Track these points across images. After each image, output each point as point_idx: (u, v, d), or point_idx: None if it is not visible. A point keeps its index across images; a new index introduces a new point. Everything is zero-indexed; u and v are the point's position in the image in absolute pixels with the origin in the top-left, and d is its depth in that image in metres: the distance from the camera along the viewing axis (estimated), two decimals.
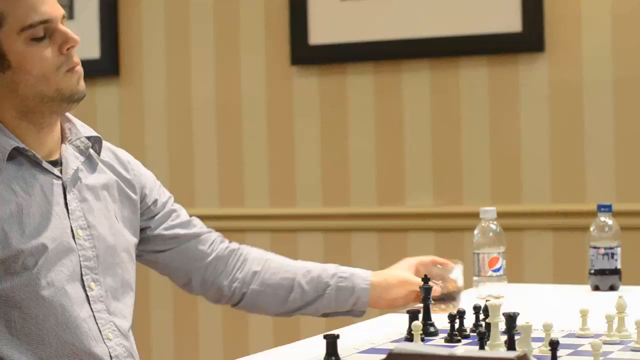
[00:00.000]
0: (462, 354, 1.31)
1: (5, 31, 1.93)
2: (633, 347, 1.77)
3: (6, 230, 1.92)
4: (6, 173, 1.96)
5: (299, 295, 2.29)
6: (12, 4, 1.93)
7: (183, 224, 2.27)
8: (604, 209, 2.52)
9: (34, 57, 1.94)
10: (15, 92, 1.97)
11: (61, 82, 1.96)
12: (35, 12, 1.94)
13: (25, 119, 1.99)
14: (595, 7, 3.53)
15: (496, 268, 2.41)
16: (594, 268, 2.51)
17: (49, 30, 1.96)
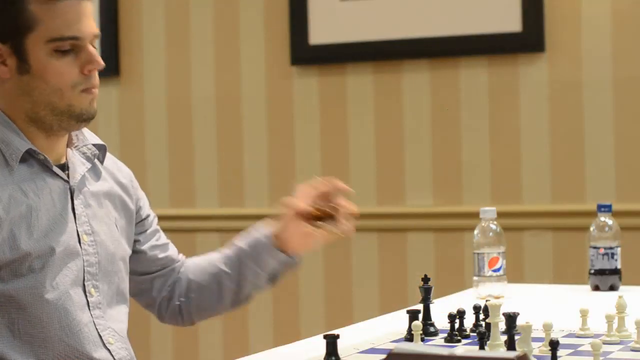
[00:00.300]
0: (462, 354, 1.31)
1: (34, 36, 1.93)
2: (633, 347, 1.77)
3: (15, 233, 1.91)
4: (18, 174, 1.95)
5: (229, 281, 2.24)
6: (48, 12, 1.93)
7: (163, 246, 2.25)
8: (604, 209, 2.52)
9: (54, 69, 1.94)
10: (29, 97, 1.96)
11: (74, 99, 1.96)
12: (68, 27, 1.94)
13: (34, 125, 1.99)
14: (595, 7, 3.53)
15: (496, 268, 2.41)
16: (594, 268, 2.51)
17: (76, 47, 1.95)
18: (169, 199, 4.03)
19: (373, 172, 3.78)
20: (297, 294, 3.88)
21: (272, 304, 3.91)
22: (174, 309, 2.26)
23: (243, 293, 2.24)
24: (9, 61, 1.95)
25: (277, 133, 3.90)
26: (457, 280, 3.50)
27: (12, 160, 1.95)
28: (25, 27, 1.93)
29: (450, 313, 1.91)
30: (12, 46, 1.94)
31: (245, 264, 2.23)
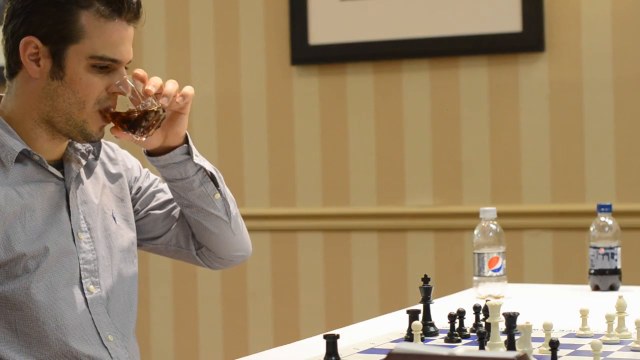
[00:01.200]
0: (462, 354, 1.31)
1: (77, 48, 1.95)
2: (633, 347, 1.77)
3: (9, 234, 1.92)
4: (13, 175, 1.96)
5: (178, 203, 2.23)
6: (97, 30, 1.95)
7: (167, 202, 2.24)
8: (604, 209, 2.52)
9: (86, 83, 1.96)
10: (51, 101, 1.97)
11: (89, 116, 1.98)
12: (111, 48, 1.97)
13: (43, 126, 1.99)
14: (595, 7, 3.53)
15: (496, 268, 2.41)
16: (594, 268, 2.51)
17: (111, 67, 1.98)
18: None
19: (373, 172, 3.78)
20: (297, 294, 3.88)
21: (272, 304, 3.91)
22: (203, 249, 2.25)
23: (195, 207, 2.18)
24: (43, 62, 1.96)
25: (277, 133, 3.90)
26: (457, 280, 3.51)
27: (7, 161, 1.95)
28: (72, 37, 1.95)
29: (450, 313, 1.91)
30: (51, 50, 1.96)
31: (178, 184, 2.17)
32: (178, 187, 2.16)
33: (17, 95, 2.00)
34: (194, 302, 3.95)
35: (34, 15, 1.96)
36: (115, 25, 1.97)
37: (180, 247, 2.24)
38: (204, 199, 2.17)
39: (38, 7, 1.96)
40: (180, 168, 2.14)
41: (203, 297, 3.99)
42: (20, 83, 1.99)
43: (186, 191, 2.16)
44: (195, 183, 2.15)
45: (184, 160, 2.14)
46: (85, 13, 1.95)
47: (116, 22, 1.97)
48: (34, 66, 1.96)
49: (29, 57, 1.96)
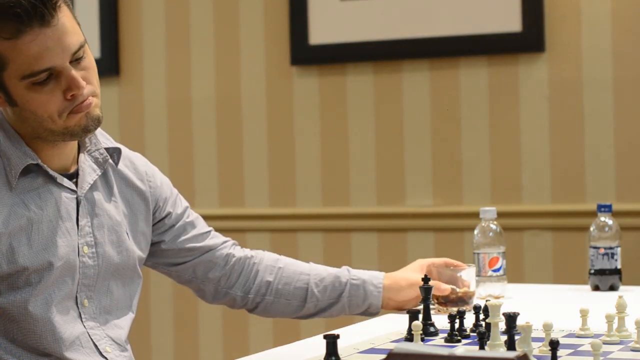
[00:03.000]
0: (462, 354, 1.31)
1: (7, 74, 1.89)
2: (633, 347, 1.77)
3: (14, 246, 1.90)
4: (20, 188, 1.93)
5: (313, 305, 2.30)
6: (13, 50, 1.86)
7: (198, 237, 2.24)
8: (604, 209, 2.52)
9: (37, 101, 1.90)
10: (25, 123, 1.94)
11: (67, 122, 1.92)
12: (37, 62, 1.87)
13: (39, 139, 1.96)
14: (595, 7, 3.53)
15: (496, 268, 2.41)
16: (594, 268, 2.51)
17: (53, 76, 1.90)
18: None
19: (373, 172, 3.78)
20: None
21: None
22: (233, 298, 2.27)
23: (316, 317, 2.31)
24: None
25: (277, 133, 3.90)
26: None
27: (11, 175, 1.93)
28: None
29: (450, 313, 1.91)
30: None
31: (338, 300, 2.28)
32: (343, 304, 2.30)
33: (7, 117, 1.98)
34: (194, 302, 3.95)
35: None
36: (28, 37, 1.86)
37: (196, 277, 2.25)
38: (335, 314, 2.31)
39: None
40: (361, 312, 2.29)
41: None
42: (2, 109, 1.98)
43: (340, 311, 2.30)
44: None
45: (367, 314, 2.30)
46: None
47: (27, 34, 1.86)
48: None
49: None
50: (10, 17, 1.84)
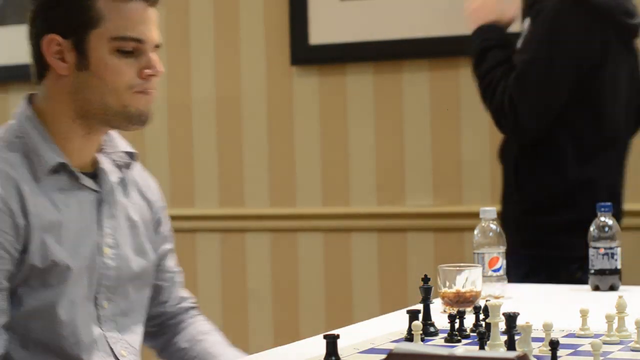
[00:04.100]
0: (462, 354, 1.31)
1: (97, 33, 1.92)
2: (633, 347, 1.77)
3: (46, 242, 1.89)
4: (48, 185, 1.92)
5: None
6: (115, 11, 1.93)
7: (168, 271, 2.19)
8: (604, 209, 2.52)
9: (113, 68, 1.93)
10: (82, 94, 1.95)
11: (129, 100, 1.95)
12: (132, 27, 1.94)
13: (79, 121, 1.96)
14: None
15: (496, 268, 2.40)
16: (594, 268, 2.51)
17: (137, 50, 1.95)
18: (169, 198, 4.02)
19: (373, 172, 3.78)
20: (297, 294, 3.88)
21: (272, 304, 3.91)
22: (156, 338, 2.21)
23: None
24: (69, 57, 1.94)
25: (277, 133, 3.90)
26: None
27: (41, 172, 1.92)
28: (90, 23, 1.92)
29: (450, 313, 1.91)
30: (74, 42, 1.93)
31: None
32: None
33: (49, 96, 1.98)
34: None
35: (51, 11, 1.94)
36: (133, 5, 1.94)
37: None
38: None
39: (53, 2, 1.95)
40: None
41: (203, 297, 3.99)
42: (51, 83, 1.97)
43: None
44: None
45: None
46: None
47: (134, 3, 1.94)
48: (60, 63, 1.94)
49: (53, 55, 1.94)
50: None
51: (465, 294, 2.15)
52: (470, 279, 2.16)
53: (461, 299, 2.15)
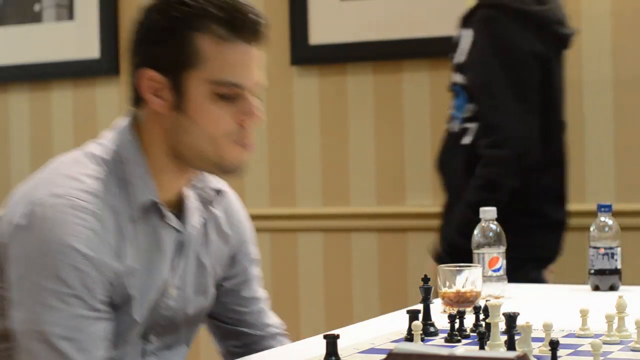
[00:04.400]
0: (462, 354, 1.31)
1: (196, 74, 1.83)
2: (633, 347, 1.77)
3: (125, 282, 1.81)
4: (139, 222, 1.84)
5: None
6: (215, 51, 1.83)
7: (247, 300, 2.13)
8: (604, 209, 2.52)
9: (210, 114, 1.83)
10: (177, 134, 1.85)
11: (227, 151, 1.85)
12: (233, 71, 1.84)
13: (171, 159, 1.87)
14: (595, 7, 3.53)
15: (496, 268, 2.40)
16: (594, 268, 2.51)
17: (237, 95, 1.84)
18: None
19: (373, 172, 3.78)
20: (297, 294, 3.88)
21: (272, 304, 3.91)
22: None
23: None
24: (165, 95, 1.84)
25: (277, 133, 3.90)
26: None
27: (134, 207, 1.83)
28: (190, 63, 1.82)
29: (450, 313, 1.91)
30: (171, 80, 1.83)
31: None
32: None
33: (146, 125, 1.88)
34: None
35: (151, 46, 1.86)
36: (235, 46, 1.83)
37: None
38: None
39: (153, 37, 1.87)
40: None
41: None
42: (147, 115, 1.88)
43: None
44: None
45: None
46: (201, 36, 1.82)
47: (235, 44, 1.83)
48: (155, 100, 1.85)
49: (149, 90, 1.85)
50: (232, 21, 1.84)
51: (466, 294, 2.15)
52: (470, 279, 2.16)
53: (461, 299, 2.15)
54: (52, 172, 1.86)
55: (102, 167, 1.85)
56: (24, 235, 1.79)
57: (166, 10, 1.86)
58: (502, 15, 2.93)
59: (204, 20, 1.83)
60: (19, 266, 1.79)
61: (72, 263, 1.76)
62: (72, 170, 1.84)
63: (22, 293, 1.78)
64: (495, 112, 2.93)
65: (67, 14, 4.20)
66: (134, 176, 1.85)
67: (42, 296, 1.75)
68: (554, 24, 2.99)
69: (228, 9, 1.84)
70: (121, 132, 1.90)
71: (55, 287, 1.75)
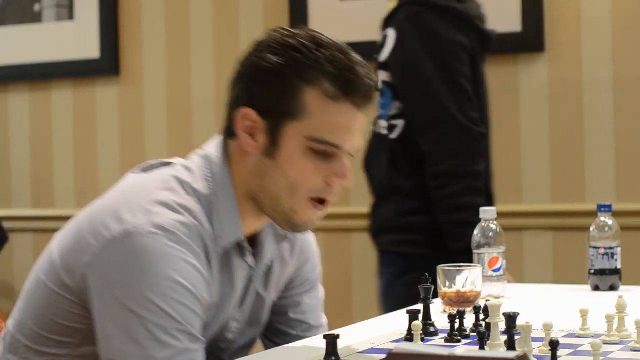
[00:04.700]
0: (462, 354, 1.31)
1: (296, 125, 1.76)
2: (633, 347, 1.77)
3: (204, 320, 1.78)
4: (223, 258, 1.80)
5: None
6: (320, 107, 1.76)
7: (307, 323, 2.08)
8: (604, 209, 2.52)
9: (301, 168, 1.77)
10: (261, 180, 1.79)
11: (302, 206, 1.80)
12: (334, 132, 1.77)
13: (250, 202, 1.81)
14: (595, 7, 3.53)
15: (496, 268, 2.40)
16: (594, 268, 2.51)
17: (332, 155, 1.78)
18: None
19: None
20: None
21: None
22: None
23: None
24: (259, 137, 1.78)
25: None
26: None
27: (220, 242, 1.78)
28: (292, 113, 1.76)
29: (450, 313, 1.91)
30: (269, 124, 1.77)
31: None
32: None
33: (234, 162, 1.82)
34: None
35: (257, 85, 1.80)
36: (342, 107, 1.77)
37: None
38: None
39: (261, 77, 1.80)
40: None
41: None
42: (234, 151, 1.82)
43: None
44: None
45: None
46: (310, 90, 1.76)
47: (343, 105, 1.77)
48: (248, 140, 1.79)
49: (244, 129, 1.79)
50: (345, 82, 1.78)
51: (466, 294, 2.15)
52: (470, 279, 2.16)
53: (461, 299, 2.15)
54: (142, 196, 1.78)
55: (194, 198, 1.78)
56: (122, 265, 1.71)
57: (280, 53, 1.79)
58: (426, 11, 2.93)
59: (316, 74, 1.77)
60: (115, 297, 1.70)
61: (177, 298, 1.70)
62: (166, 197, 1.77)
63: (122, 326, 1.69)
64: (434, 106, 2.91)
65: (67, 14, 4.20)
66: (224, 214, 1.79)
67: (152, 331, 1.68)
68: (475, 19, 2.99)
69: (343, 67, 1.80)
70: (213, 162, 1.83)
71: (163, 323, 1.69)
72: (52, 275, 1.79)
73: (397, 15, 3.01)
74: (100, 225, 1.75)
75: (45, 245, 1.89)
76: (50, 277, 1.80)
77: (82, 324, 1.78)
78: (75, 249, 1.77)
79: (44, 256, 1.85)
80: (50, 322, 1.80)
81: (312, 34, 1.83)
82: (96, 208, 1.81)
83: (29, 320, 1.82)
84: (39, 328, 1.81)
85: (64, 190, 4.33)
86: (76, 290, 1.76)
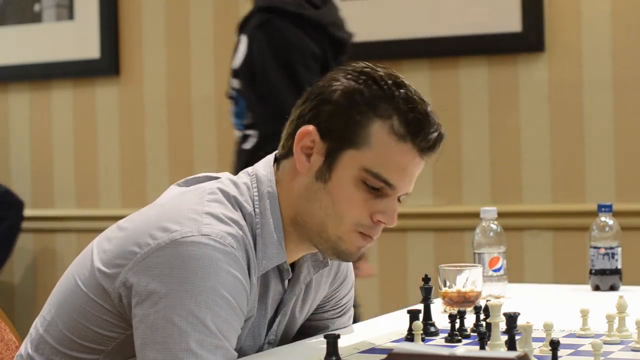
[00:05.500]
0: (463, 354, 1.31)
1: (354, 154, 1.73)
2: (633, 347, 1.77)
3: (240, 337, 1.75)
4: (262, 280, 1.78)
5: None
6: (384, 142, 1.73)
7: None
8: (604, 209, 2.52)
9: (349, 197, 1.73)
10: (309, 204, 1.76)
11: (347, 235, 1.75)
12: (391, 170, 1.74)
13: (292, 223, 1.78)
14: (595, 7, 3.53)
15: (496, 268, 2.40)
16: (594, 268, 2.51)
17: (383, 191, 1.75)
18: None
19: None
20: None
21: None
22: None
23: None
24: (315, 159, 1.75)
25: None
26: None
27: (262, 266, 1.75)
28: (354, 141, 1.73)
29: (451, 313, 1.91)
30: (328, 148, 1.74)
31: None
32: None
33: (282, 182, 1.79)
34: None
35: (326, 106, 1.76)
36: (405, 148, 1.74)
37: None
38: None
39: (333, 99, 1.75)
40: None
41: None
42: (285, 172, 1.79)
43: None
44: None
45: None
46: (379, 123, 1.73)
47: (407, 146, 1.74)
48: (303, 159, 1.75)
49: (302, 148, 1.75)
50: (416, 128, 1.75)
51: (466, 294, 2.15)
52: (470, 279, 2.16)
53: (462, 298, 2.15)
54: (189, 207, 1.74)
55: (240, 214, 1.74)
56: (166, 273, 1.67)
57: (357, 81, 1.76)
58: (278, 19, 2.91)
59: (389, 109, 1.74)
60: (156, 305, 1.66)
61: (219, 312, 1.66)
62: (214, 208, 1.73)
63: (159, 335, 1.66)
64: (281, 117, 2.90)
65: (67, 14, 4.20)
66: (268, 235, 1.76)
67: (189, 343, 1.64)
68: (329, 26, 2.97)
69: (416, 110, 1.76)
70: (262, 182, 1.80)
71: (201, 337, 1.65)
72: (91, 282, 1.76)
73: (249, 22, 2.99)
74: (145, 235, 1.71)
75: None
76: (88, 283, 1.76)
77: (116, 332, 1.75)
78: (118, 257, 1.73)
79: (81, 262, 1.81)
80: (83, 327, 1.77)
81: (392, 72, 1.79)
82: (139, 219, 1.78)
83: (59, 323, 1.80)
84: (70, 332, 1.79)
85: (64, 190, 4.33)
86: (115, 298, 1.73)
